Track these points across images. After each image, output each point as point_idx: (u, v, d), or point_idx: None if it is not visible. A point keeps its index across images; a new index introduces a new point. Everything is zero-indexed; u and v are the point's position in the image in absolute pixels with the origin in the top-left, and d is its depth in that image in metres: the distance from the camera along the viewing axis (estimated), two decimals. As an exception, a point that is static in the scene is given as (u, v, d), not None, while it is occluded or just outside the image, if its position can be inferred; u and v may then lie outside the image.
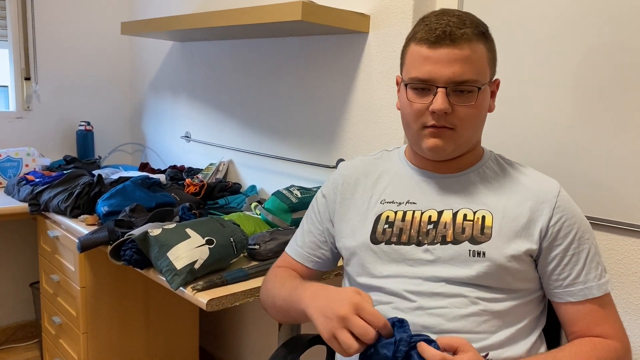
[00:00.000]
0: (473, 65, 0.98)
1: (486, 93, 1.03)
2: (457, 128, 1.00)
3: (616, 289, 1.31)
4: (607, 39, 1.27)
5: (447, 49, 0.97)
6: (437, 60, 0.97)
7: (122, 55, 2.90)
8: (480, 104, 1.01)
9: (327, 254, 1.20)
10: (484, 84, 1.01)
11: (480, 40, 1.00)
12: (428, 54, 0.98)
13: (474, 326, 0.97)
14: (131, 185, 1.80)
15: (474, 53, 0.98)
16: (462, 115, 0.99)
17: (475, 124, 1.02)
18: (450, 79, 0.97)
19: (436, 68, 0.97)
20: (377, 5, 1.64)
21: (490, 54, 1.03)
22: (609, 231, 1.30)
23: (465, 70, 0.97)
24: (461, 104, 0.99)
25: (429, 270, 1.01)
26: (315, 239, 1.20)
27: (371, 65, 1.69)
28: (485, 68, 1.01)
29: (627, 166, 1.26)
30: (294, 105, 1.99)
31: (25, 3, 2.55)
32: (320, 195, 1.23)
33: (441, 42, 0.97)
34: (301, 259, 1.20)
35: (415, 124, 1.03)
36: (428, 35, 0.98)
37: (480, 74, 0.99)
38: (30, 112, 2.63)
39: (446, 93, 0.97)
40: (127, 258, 1.39)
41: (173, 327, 2.09)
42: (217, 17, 1.77)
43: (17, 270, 2.64)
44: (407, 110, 1.03)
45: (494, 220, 1.01)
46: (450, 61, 0.97)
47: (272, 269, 1.23)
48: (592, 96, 1.30)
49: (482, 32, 1.01)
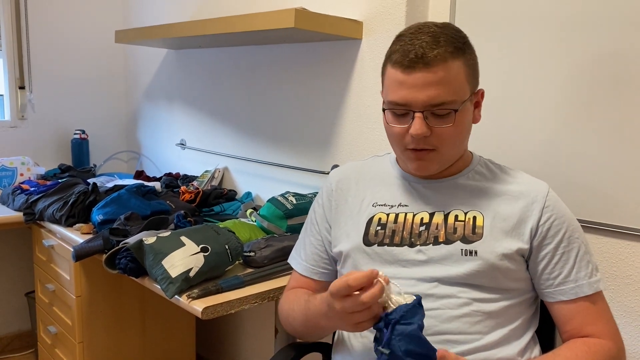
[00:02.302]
0: (449, 86, 0.98)
1: (465, 110, 1.02)
2: (438, 148, 1.02)
3: (611, 292, 1.31)
4: (600, 45, 1.27)
5: (421, 73, 0.97)
6: (412, 85, 0.98)
7: (116, 64, 2.90)
8: (460, 123, 1.01)
9: (329, 264, 1.19)
10: (463, 101, 1.00)
11: (457, 57, 0.99)
12: (403, 79, 0.98)
13: (467, 327, 0.98)
14: (126, 193, 1.80)
15: (448, 74, 0.97)
16: (442, 136, 1.00)
17: (456, 142, 1.04)
18: (426, 102, 0.97)
19: (411, 93, 0.98)
20: (370, 11, 1.64)
21: (469, 69, 1.02)
22: (603, 234, 1.31)
23: (441, 93, 0.97)
24: (439, 126, 0.99)
25: (422, 270, 1.02)
26: (316, 250, 1.20)
27: (364, 71, 1.69)
28: (463, 85, 1.00)
29: (621, 170, 1.26)
30: (288, 111, 1.99)
31: (19, 12, 2.55)
32: (316, 205, 1.23)
33: (414, 66, 0.97)
34: (307, 272, 1.20)
35: (397, 146, 1.06)
36: (402, 59, 0.98)
37: (457, 94, 0.99)
38: (24, 121, 2.63)
39: (424, 117, 0.98)
40: (122, 266, 1.39)
41: (169, 335, 2.09)
42: (211, 24, 1.78)
43: (12, 280, 2.63)
44: (388, 131, 1.06)
45: (485, 220, 1.03)
46: (425, 85, 0.97)
47: (285, 293, 1.23)
48: (585, 101, 1.31)
49: (458, 47, 0.99)
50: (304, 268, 1.21)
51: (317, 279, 1.19)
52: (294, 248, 1.27)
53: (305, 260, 1.21)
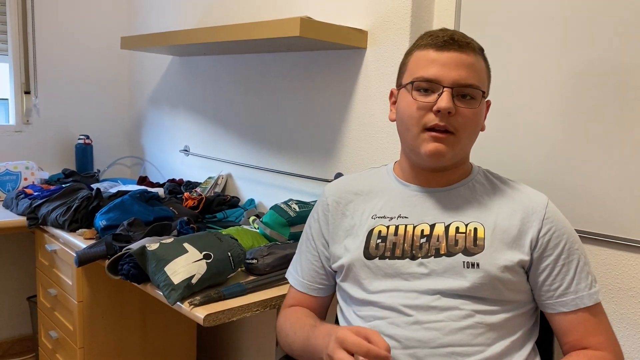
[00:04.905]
0: (477, 72, 1.02)
1: (484, 105, 1.07)
2: (458, 132, 1.02)
3: (613, 304, 1.30)
4: (599, 55, 1.28)
5: (455, 53, 1.01)
6: (444, 62, 1.00)
7: (121, 69, 2.91)
8: (480, 112, 1.05)
9: (327, 280, 1.19)
10: (484, 94, 1.05)
11: (481, 56, 1.05)
12: (435, 57, 1.01)
13: (470, 339, 0.98)
14: (129, 199, 1.80)
15: (477, 62, 1.03)
16: (464, 118, 1.01)
17: (473, 131, 1.05)
18: (456, 81, 1.00)
19: (443, 69, 1.00)
20: (375, 21, 1.65)
21: (488, 72, 1.08)
22: (606, 246, 1.31)
23: (471, 75, 1.01)
24: (464, 107, 1.01)
25: (424, 283, 1.01)
26: (313, 266, 1.19)
27: (369, 80, 1.70)
28: (485, 81, 1.06)
29: (624, 181, 1.26)
30: (292, 119, 2.00)
31: (25, 17, 2.57)
32: (311, 220, 1.22)
33: (449, 47, 1.01)
34: (304, 288, 1.20)
35: (416, 126, 1.03)
36: (435, 41, 1.02)
37: (482, 83, 1.04)
38: (29, 125, 2.64)
39: (451, 94, 1.00)
40: (124, 272, 1.39)
41: (170, 342, 2.08)
42: (217, 32, 1.79)
43: (15, 284, 2.63)
44: (408, 110, 1.04)
45: (486, 232, 1.03)
46: (457, 64, 1.00)
47: (282, 311, 1.21)
48: (587, 111, 1.31)
49: (482, 49, 1.06)
50: (300, 284, 1.20)
51: (315, 295, 1.19)
52: (291, 262, 1.26)
53: (302, 277, 1.20)
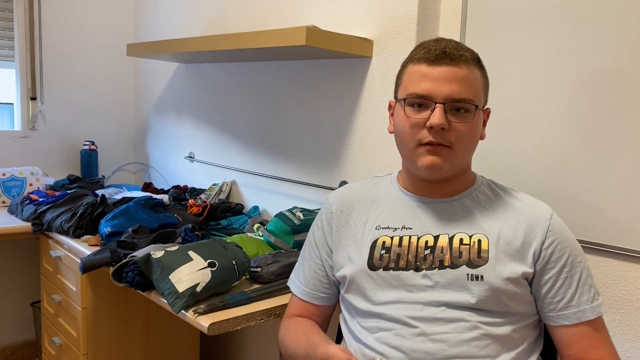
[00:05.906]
0: (471, 85, 1.01)
1: (480, 116, 1.05)
2: (454, 146, 1.01)
3: (619, 315, 1.30)
4: (605, 65, 1.28)
5: (447, 67, 0.99)
6: (436, 77, 0.99)
7: (127, 76, 2.92)
8: (476, 125, 1.03)
9: (329, 289, 1.18)
10: (480, 107, 1.04)
11: (476, 66, 1.04)
12: (427, 72, 1.00)
13: (476, 351, 0.97)
14: (134, 206, 1.81)
15: (470, 75, 1.01)
16: (459, 133, 1.00)
17: (469, 143, 1.04)
18: (449, 96, 0.99)
19: (435, 85, 0.99)
20: (381, 30, 1.66)
21: (484, 81, 1.07)
22: (611, 257, 1.30)
23: (463, 89, 0.99)
24: (458, 122, 1.00)
25: (429, 295, 1.01)
26: (316, 274, 1.19)
27: (374, 89, 1.70)
28: (481, 92, 1.05)
29: (627, 192, 1.26)
30: (297, 127, 2.00)
31: (32, 24, 2.58)
32: (315, 228, 1.22)
33: (440, 61, 1.00)
34: (306, 297, 1.19)
35: (411, 142, 1.03)
36: (428, 55, 1.01)
37: (476, 96, 1.02)
38: (35, 131, 2.65)
39: (444, 110, 0.99)
40: (129, 280, 1.39)
41: (174, 350, 2.08)
42: (223, 40, 1.80)
43: (18, 290, 2.64)
44: (402, 126, 1.04)
45: (490, 244, 1.02)
46: (450, 79, 0.99)
47: (284, 321, 1.21)
48: (591, 122, 1.30)
49: (477, 59, 1.05)
50: (303, 293, 1.20)
51: (317, 303, 1.19)
52: (293, 270, 1.26)
53: (305, 285, 1.20)
